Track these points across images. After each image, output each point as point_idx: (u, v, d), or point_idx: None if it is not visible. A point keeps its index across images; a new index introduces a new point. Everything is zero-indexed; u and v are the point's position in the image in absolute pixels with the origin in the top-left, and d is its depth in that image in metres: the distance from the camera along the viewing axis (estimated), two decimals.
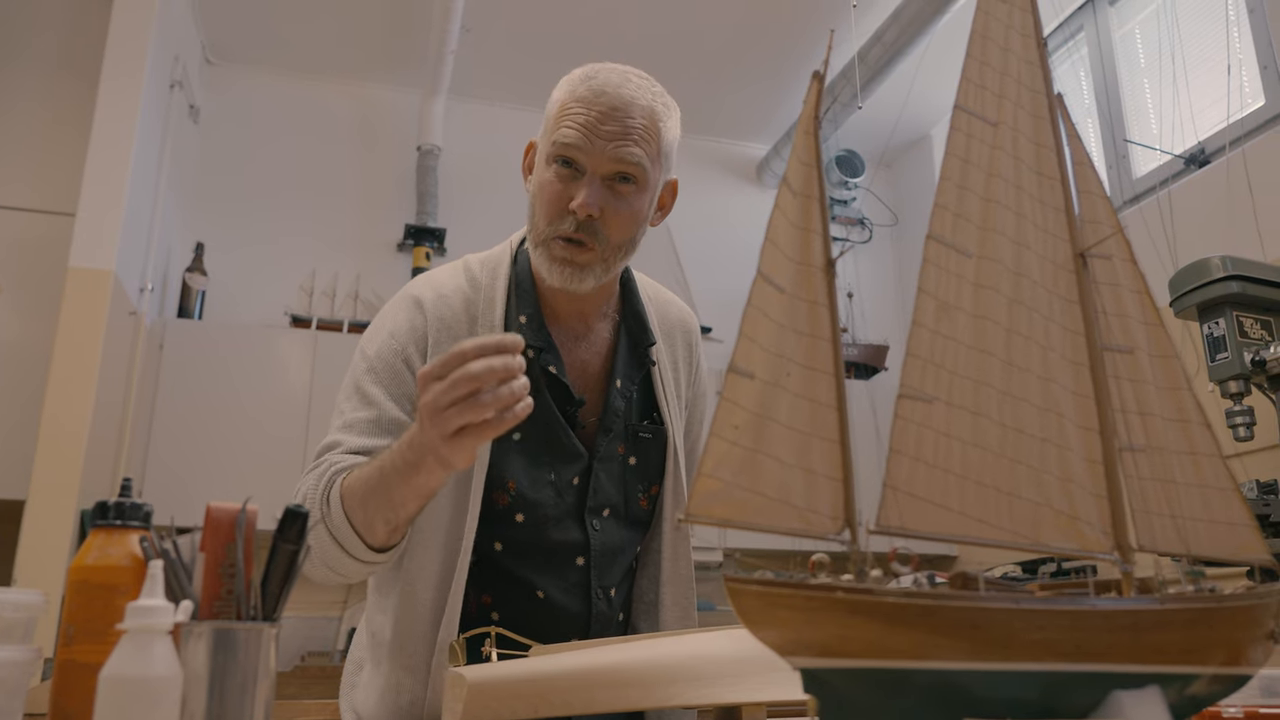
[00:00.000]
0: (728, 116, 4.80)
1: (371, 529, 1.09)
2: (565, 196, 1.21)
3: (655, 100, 1.25)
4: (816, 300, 0.60)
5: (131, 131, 3.32)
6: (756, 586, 0.52)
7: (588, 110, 1.20)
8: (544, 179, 1.24)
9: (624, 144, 1.20)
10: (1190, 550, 0.65)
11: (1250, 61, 3.07)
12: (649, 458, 1.34)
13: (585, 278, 1.24)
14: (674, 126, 1.29)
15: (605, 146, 1.20)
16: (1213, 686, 0.61)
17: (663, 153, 1.26)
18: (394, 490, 1.05)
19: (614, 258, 1.26)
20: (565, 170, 1.22)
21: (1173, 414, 0.68)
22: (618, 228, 1.24)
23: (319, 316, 4.04)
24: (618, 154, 1.20)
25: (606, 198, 1.22)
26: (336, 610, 3.80)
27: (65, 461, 2.96)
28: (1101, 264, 0.68)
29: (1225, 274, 2.06)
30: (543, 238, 1.24)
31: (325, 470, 1.16)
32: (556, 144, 1.21)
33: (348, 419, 1.24)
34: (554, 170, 1.22)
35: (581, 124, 1.20)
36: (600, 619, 1.28)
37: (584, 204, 1.19)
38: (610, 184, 1.22)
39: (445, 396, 0.93)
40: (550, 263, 1.24)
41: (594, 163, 1.21)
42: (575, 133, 1.20)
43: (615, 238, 1.24)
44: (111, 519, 0.77)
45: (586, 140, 1.20)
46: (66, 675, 0.72)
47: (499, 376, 0.93)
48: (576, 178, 1.22)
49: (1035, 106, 0.71)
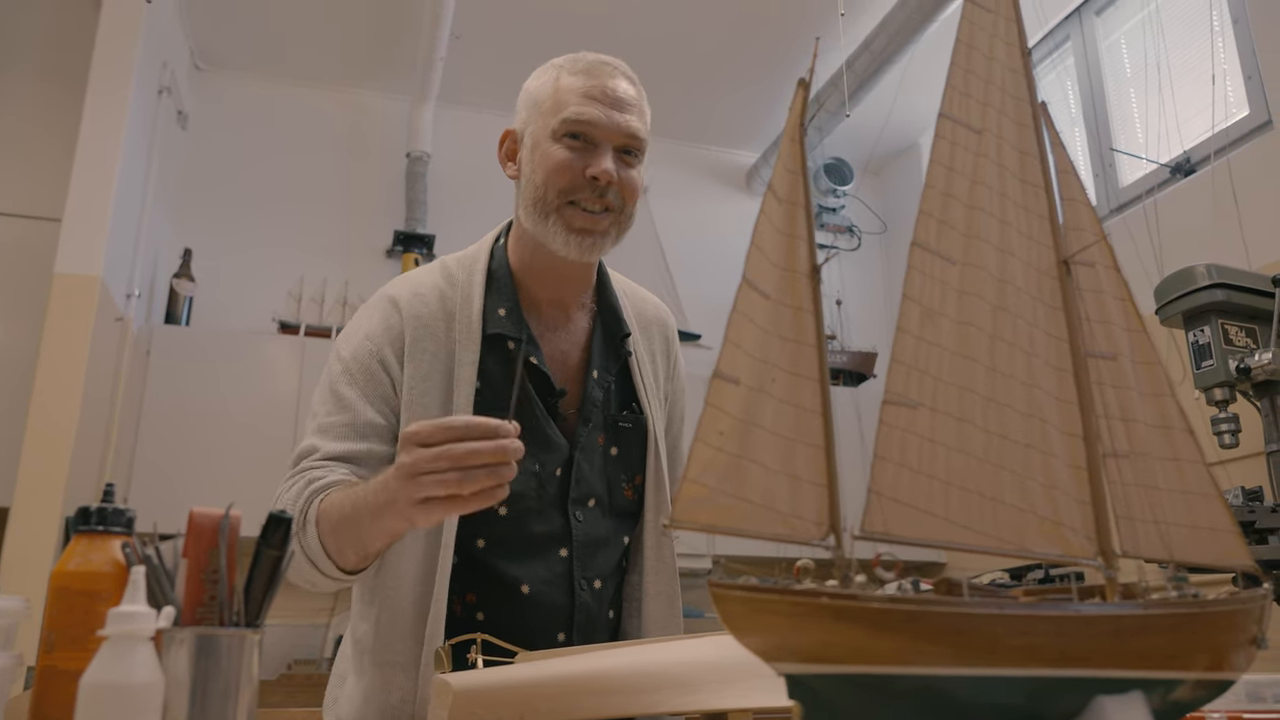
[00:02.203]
0: (717, 124, 4.81)
1: (342, 555, 1.12)
2: (580, 166, 1.26)
3: (637, 84, 1.34)
4: (801, 306, 0.60)
5: (119, 137, 3.30)
6: (741, 592, 0.52)
7: (590, 83, 1.28)
8: (551, 152, 1.27)
9: (629, 117, 1.28)
10: (1174, 556, 0.66)
11: (1235, 71, 3.09)
12: (630, 448, 1.35)
13: (601, 245, 1.29)
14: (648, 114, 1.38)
15: (617, 119, 1.27)
16: (1196, 691, 0.62)
17: (646, 135, 1.33)
18: (363, 527, 1.07)
19: (625, 225, 1.32)
20: (576, 143, 1.27)
21: (1156, 420, 0.68)
22: (630, 195, 1.30)
23: (307, 323, 4.02)
24: (628, 126, 1.27)
25: (620, 167, 1.28)
26: (324, 617, 3.78)
27: (50, 467, 2.94)
28: (1085, 271, 0.69)
29: (1210, 282, 2.07)
30: (554, 205, 1.27)
31: (304, 487, 1.17)
32: (568, 120, 1.26)
33: (322, 422, 1.24)
34: (564, 144, 1.27)
35: (593, 97, 1.27)
36: (584, 611, 1.27)
37: (607, 170, 1.25)
38: (619, 155, 1.28)
39: (424, 465, 0.92)
40: (567, 233, 1.27)
41: (608, 135, 1.27)
42: (589, 108, 1.26)
43: (629, 205, 1.30)
44: (94, 525, 0.76)
45: (601, 113, 1.26)
46: (47, 682, 0.72)
47: (483, 460, 0.91)
48: (589, 149, 1.27)
49: (1020, 114, 0.71)
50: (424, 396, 1.24)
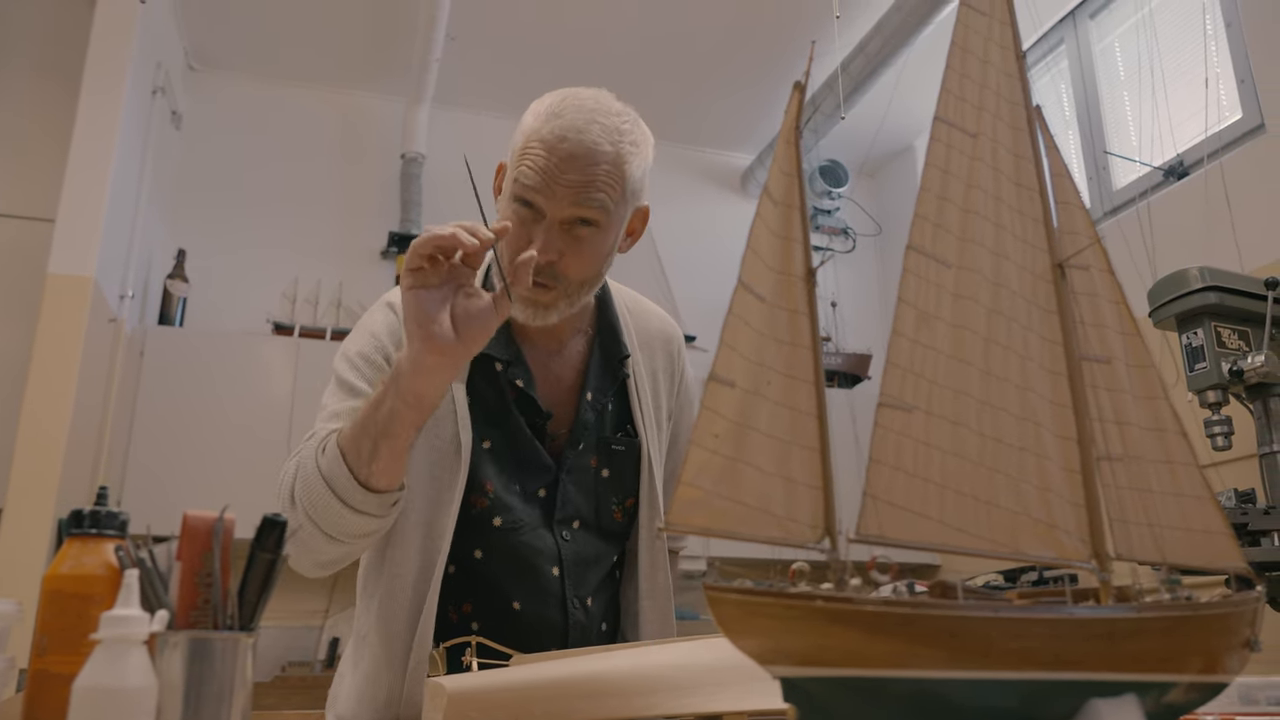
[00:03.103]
0: (712, 126, 4.81)
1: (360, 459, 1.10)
2: (525, 237, 1.19)
3: (621, 143, 1.20)
4: (797, 309, 0.60)
5: (113, 137, 3.29)
6: (736, 595, 0.52)
7: (549, 155, 1.17)
8: (505, 214, 1.23)
9: (584, 191, 1.18)
10: (1167, 559, 0.66)
11: (1228, 75, 3.11)
12: (623, 470, 1.34)
13: (550, 314, 1.25)
14: (642, 162, 1.25)
15: (565, 194, 1.17)
16: (1189, 694, 0.62)
17: (629, 191, 1.23)
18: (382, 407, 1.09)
19: (577, 294, 1.25)
20: (525, 211, 1.20)
21: (1150, 423, 0.68)
22: (578, 269, 1.22)
23: (301, 324, 4.01)
24: (577, 200, 1.18)
25: (566, 242, 1.20)
26: (318, 620, 3.77)
27: (43, 469, 2.93)
28: (1079, 274, 0.69)
29: (1203, 285, 2.08)
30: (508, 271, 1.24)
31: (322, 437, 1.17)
32: (517, 183, 1.20)
33: (333, 409, 1.24)
34: (514, 209, 1.21)
35: (541, 168, 1.17)
36: (578, 629, 1.28)
37: (541, 250, 1.17)
38: (569, 227, 1.20)
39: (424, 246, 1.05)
40: (515, 300, 1.23)
41: (553, 208, 1.18)
42: (535, 176, 1.17)
43: (576, 277, 1.23)
44: (87, 528, 0.76)
45: (545, 185, 1.17)
46: (39, 686, 0.72)
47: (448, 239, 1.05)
48: (537, 219, 1.20)
49: (1014, 118, 0.71)
50: None
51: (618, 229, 1.26)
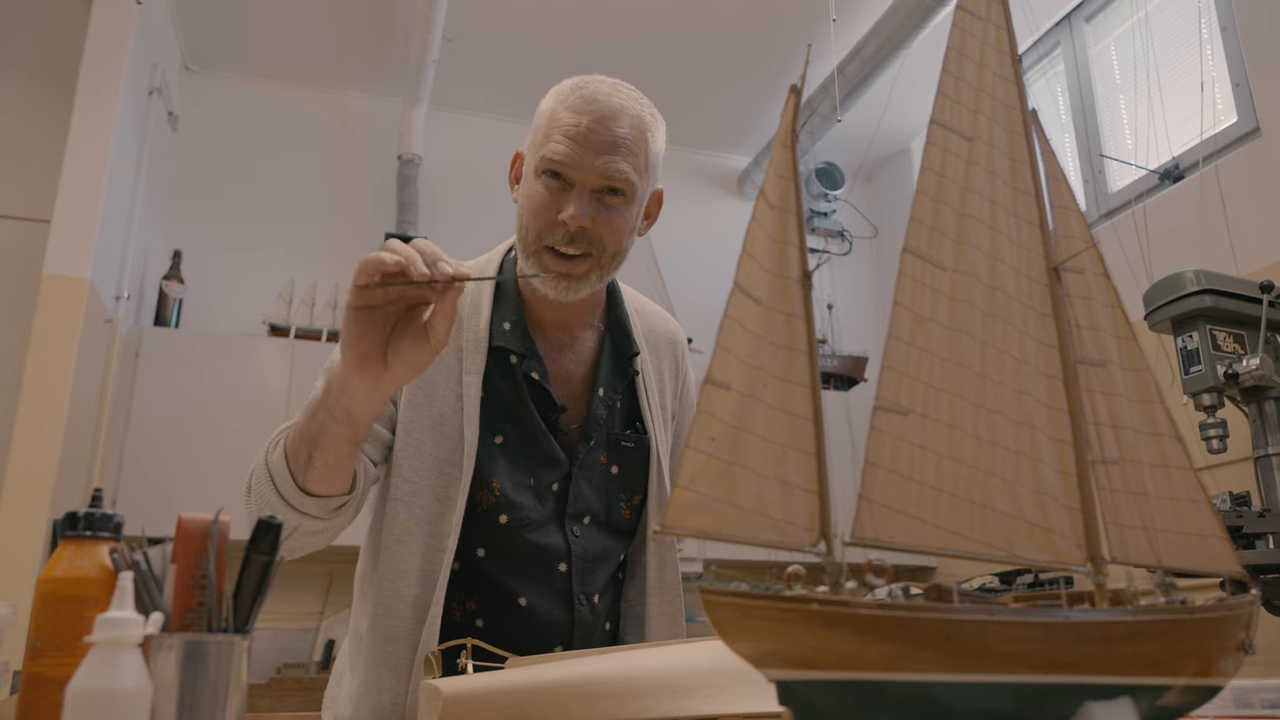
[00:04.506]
0: (709, 128, 4.81)
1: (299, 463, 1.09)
2: (554, 208, 1.22)
3: (643, 110, 1.26)
4: (793, 313, 0.60)
5: (109, 138, 3.29)
6: (731, 598, 0.52)
7: (578, 120, 1.21)
8: (533, 190, 1.24)
9: (612, 158, 1.21)
10: (1162, 562, 0.66)
11: (1223, 78, 3.12)
12: (632, 467, 1.35)
13: (580, 288, 1.26)
14: (661, 138, 1.30)
15: (594, 160, 1.20)
16: (1184, 697, 0.62)
17: (649, 164, 1.26)
18: (316, 415, 1.07)
19: (608, 266, 1.28)
20: (554, 182, 1.22)
21: (1145, 427, 0.69)
22: (610, 237, 1.24)
23: (297, 325, 4.00)
24: (606, 169, 1.21)
25: (596, 209, 1.23)
26: (313, 621, 3.76)
27: (38, 470, 2.92)
28: (1075, 278, 0.69)
29: (1198, 288, 2.09)
30: (533, 249, 1.25)
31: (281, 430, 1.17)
32: (545, 158, 1.22)
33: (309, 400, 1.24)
34: (543, 182, 1.23)
35: (571, 136, 1.21)
36: (583, 625, 1.28)
37: (574, 216, 1.20)
38: (599, 196, 1.23)
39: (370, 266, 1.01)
40: (546, 276, 1.24)
41: (583, 176, 1.21)
42: (564, 147, 1.20)
43: (611, 245, 1.25)
44: (81, 530, 0.76)
45: (576, 154, 1.20)
46: (33, 689, 0.71)
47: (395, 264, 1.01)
48: (565, 190, 1.22)
49: (1010, 122, 0.71)
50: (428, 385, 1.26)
51: (640, 204, 1.29)
